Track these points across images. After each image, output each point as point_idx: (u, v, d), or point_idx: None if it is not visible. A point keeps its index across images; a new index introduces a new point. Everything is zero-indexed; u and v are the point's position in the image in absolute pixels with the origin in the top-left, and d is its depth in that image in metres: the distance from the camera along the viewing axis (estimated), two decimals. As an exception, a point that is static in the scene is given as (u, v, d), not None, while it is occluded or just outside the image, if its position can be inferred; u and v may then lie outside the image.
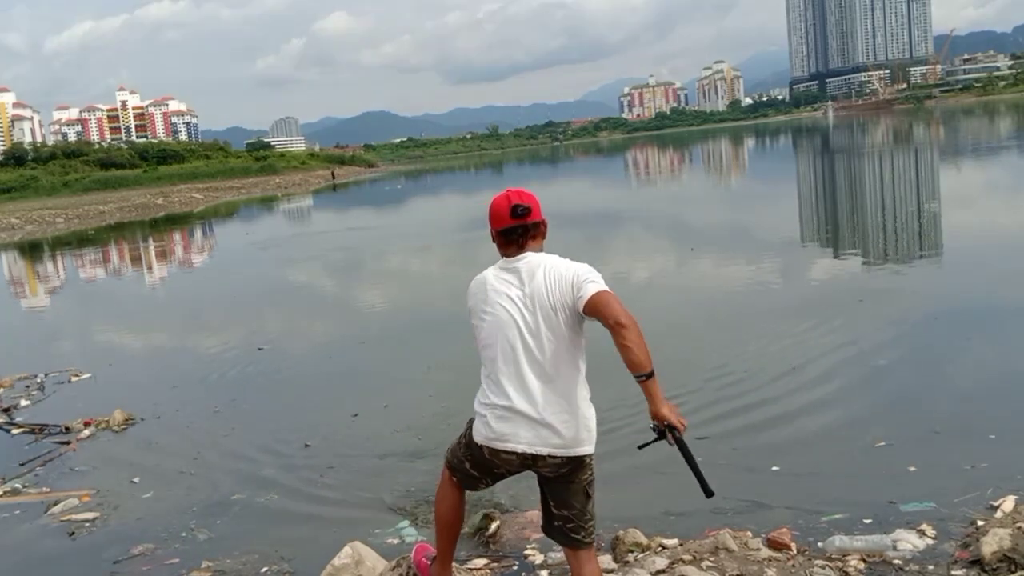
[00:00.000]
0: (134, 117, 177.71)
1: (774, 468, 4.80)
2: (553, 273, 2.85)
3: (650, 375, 2.70)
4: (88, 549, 4.61)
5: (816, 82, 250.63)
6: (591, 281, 2.77)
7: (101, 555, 4.50)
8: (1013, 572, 3.29)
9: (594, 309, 2.74)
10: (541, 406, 2.85)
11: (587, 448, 2.90)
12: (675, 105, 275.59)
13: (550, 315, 2.84)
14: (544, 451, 2.86)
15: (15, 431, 6.94)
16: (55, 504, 5.25)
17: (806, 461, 4.89)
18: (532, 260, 2.93)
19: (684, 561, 3.66)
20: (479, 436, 2.98)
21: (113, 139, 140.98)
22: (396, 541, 4.28)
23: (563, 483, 2.98)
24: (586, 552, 3.04)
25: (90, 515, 5.03)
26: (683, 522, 4.22)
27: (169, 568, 4.30)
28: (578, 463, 2.94)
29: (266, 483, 5.36)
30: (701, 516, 4.25)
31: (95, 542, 4.70)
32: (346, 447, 5.91)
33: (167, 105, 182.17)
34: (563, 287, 2.81)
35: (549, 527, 3.10)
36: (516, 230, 2.98)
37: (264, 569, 4.19)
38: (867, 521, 4.02)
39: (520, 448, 2.88)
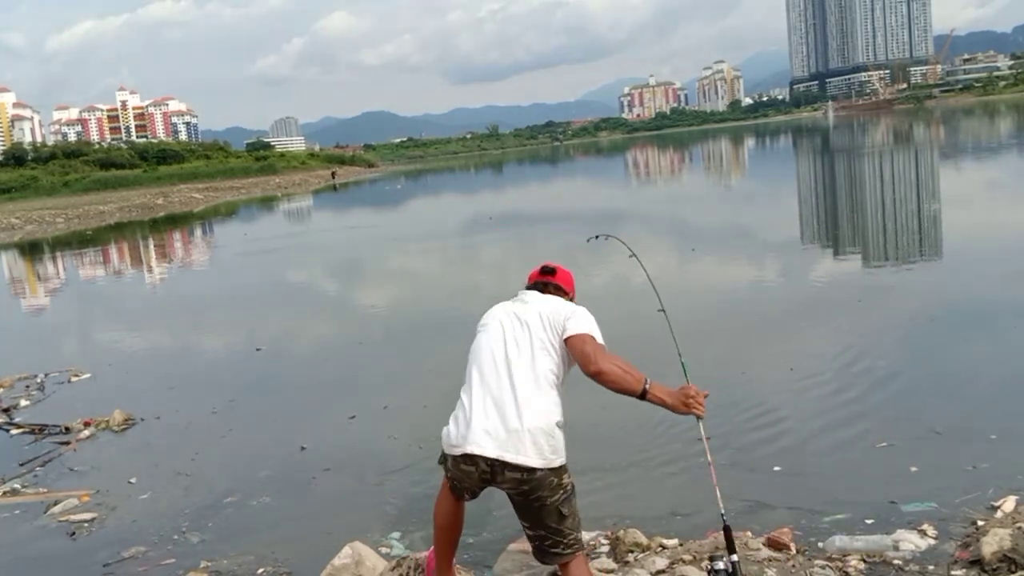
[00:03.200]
0: (134, 117, 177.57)
1: (776, 468, 4.79)
2: (552, 301, 3.21)
3: (643, 394, 2.90)
4: (82, 551, 4.60)
5: (816, 82, 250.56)
6: (578, 319, 3.08)
7: (94, 557, 4.50)
8: (1013, 572, 3.28)
9: (572, 350, 3.02)
10: (505, 412, 2.92)
11: (539, 461, 2.88)
12: (675, 105, 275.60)
13: (541, 332, 3.07)
14: (493, 453, 2.88)
15: (15, 431, 6.93)
16: (55, 504, 5.25)
17: (808, 461, 4.88)
18: (537, 293, 3.30)
19: (684, 561, 3.66)
20: (445, 445, 3.06)
21: (113, 139, 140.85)
22: (386, 550, 4.27)
23: (533, 505, 2.98)
24: (573, 560, 3.05)
25: (88, 516, 5.02)
26: (685, 522, 4.21)
27: (165, 569, 4.29)
28: (543, 483, 2.92)
29: (262, 485, 5.34)
30: (703, 516, 4.24)
31: (91, 544, 4.69)
32: (342, 450, 5.89)
33: (167, 105, 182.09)
34: (556, 315, 3.11)
35: (532, 548, 3.13)
36: (537, 285, 3.37)
37: (260, 570, 4.19)
38: (869, 521, 4.01)
39: (472, 450, 2.92)
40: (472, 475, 2.97)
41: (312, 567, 3.93)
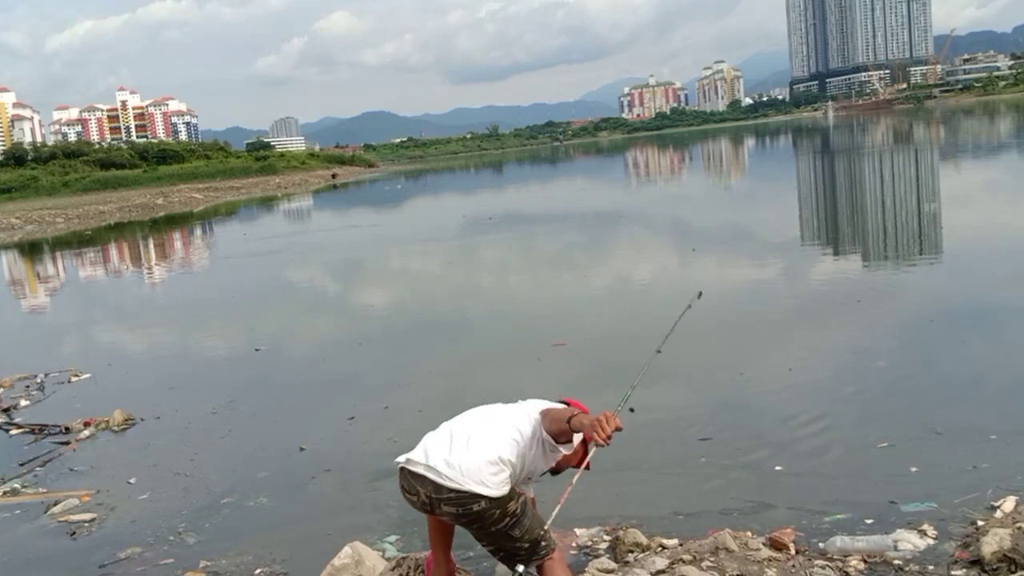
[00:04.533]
0: (134, 117, 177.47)
1: (777, 468, 4.79)
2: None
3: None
4: (82, 551, 4.61)
5: (816, 82, 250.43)
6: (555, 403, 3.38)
7: (93, 557, 4.50)
8: (1013, 572, 3.28)
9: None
10: (455, 442, 3.07)
11: (474, 487, 2.95)
12: (675, 105, 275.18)
13: (526, 404, 3.32)
14: (431, 462, 3.01)
15: (15, 431, 6.93)
16: (55, 504, 5.25)
17: (809, 461, 4.88)
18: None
19: (684, 561, 3.65)
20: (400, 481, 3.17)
21: (113, 139, 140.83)
22: (380, 553, 4.26)
23: (480, 532, 3.10)
24: (546, 562, 3.13)
25: (88, 516, 5.02)
26: (686, 522, 4.21)
27: (164, 569, 4.29)
28: (483, 516, 2.99)
29: (260, 486, 5.34)
30: (704, 516, 4.24)
31: (90, 544, 4.70)
32: (342, 451, 5.88)
33: (167, 105, 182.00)
34: (541, 401, 3.36)
35: (497, 559, 3.25)
36: None
37: (259, 571, 4.19)
38: (869, 521, 4.02)
39: (413, 455, 3.07)
40: (415, 503, 3.11)
41: (310, 567, 3.93)
